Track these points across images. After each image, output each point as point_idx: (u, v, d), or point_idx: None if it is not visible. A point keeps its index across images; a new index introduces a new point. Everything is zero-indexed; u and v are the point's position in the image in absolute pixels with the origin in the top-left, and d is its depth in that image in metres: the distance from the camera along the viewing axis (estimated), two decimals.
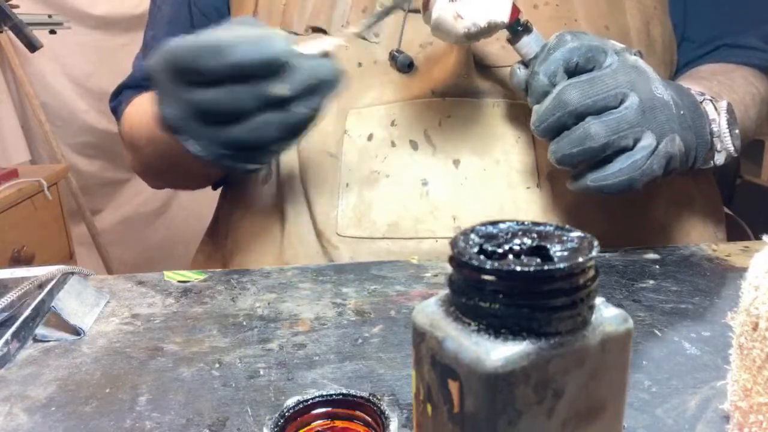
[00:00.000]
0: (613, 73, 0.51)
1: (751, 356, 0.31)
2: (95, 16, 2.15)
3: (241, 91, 0.47)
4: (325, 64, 0.49)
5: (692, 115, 0.56)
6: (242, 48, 0.46)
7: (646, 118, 0.52)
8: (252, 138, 0.49)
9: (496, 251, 0.24)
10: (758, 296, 0.31)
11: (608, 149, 0.52)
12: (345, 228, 0.65)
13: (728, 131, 0.57)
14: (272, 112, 0.48)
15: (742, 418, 0.33)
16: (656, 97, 0.53)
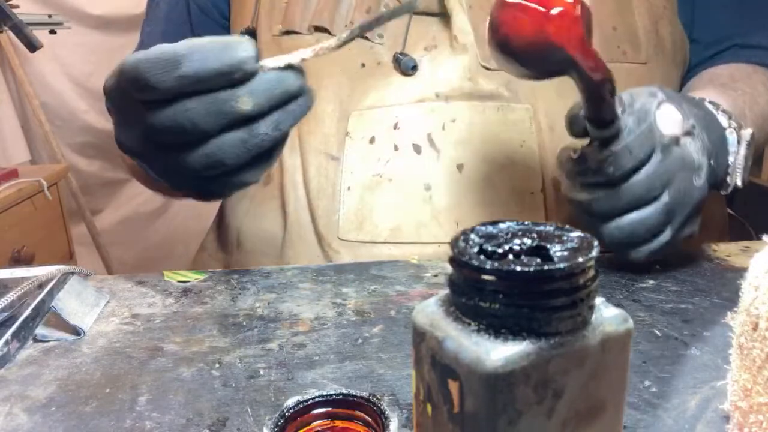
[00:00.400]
0: (648, 180, 0.50)
1: (751, 356, 0.31)
2: (95, 16, 2.16)
3: (196, 108, 0.41)
4: (293, 77, 0.43)
5: (718, 160, 0.55)
6: (199, 56, 0.40)
7: (672, 214, 0.52)
8: (209, 165, 0.42)
9: (496, 251, 0.24)
10: (758, 296, 0.31)
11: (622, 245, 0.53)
12: (346, 232, 0.64)
13: (743, 166, 0.57)
14: (232, 132, 0.42)
15: (742, 418, 0.33)
16: (693, 188, 0.52)
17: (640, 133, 0.50)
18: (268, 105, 0.42)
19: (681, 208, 0.52)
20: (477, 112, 0.63)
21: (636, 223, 0.51)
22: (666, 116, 0.51)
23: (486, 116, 0.63)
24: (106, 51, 2.15)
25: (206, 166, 0.43)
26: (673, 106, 0.52)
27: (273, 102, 0.42)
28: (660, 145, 0.51)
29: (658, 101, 0.51)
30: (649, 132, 0.50)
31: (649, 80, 0.68)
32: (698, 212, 0.54)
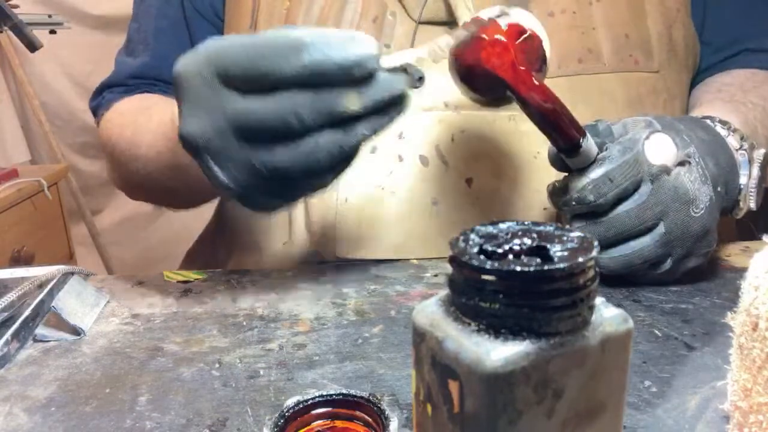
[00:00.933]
0: (638, 210, 0.50)
1: (751, 356, 0.31)
2: (95, 16, 2.15)
3: (302, 100, 0.38)
4: (402, 80, 0.41)
5: (728, 185, 0.54)
6: (324, 46, 0.37)
7: (671, 245, 0.51)
8: (299, 164, 0.39)
9: (496, 251, 0.24)
10: (758, 296, 0.31)
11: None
12: (345, 251, 0.61)
13: (755, 189, 0.55)
14: (331, 131, 0.39)
15: (742, 418, 0.33)
16: (691, 219, 0.50)
17: (623, 162, 0.49)
18: (374, 108, 0.40)
19: (680, 240, 0.51)
20: (487, 122, 0.61)
21: (630, 254, 0.51)
22: (657, 146, 0.50)
23: (497, 126, 0.61)
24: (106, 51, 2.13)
25: (298, 164, 0.39)
26: (666, 135, 0.51)
27: (380, 106, 0.40)
28: (648, 175, 0.50)
29: (650, 131, 0.51)
30: (634, 161, 0.49)
31: (661, 87, 0.66)
32: (705, 243, 0.53)
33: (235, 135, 0.40)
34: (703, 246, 0.53)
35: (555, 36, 0.62)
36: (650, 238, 0.51)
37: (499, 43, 0.45)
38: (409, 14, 0.63)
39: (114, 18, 2.17)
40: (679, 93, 0.69)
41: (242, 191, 0.42)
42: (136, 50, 0.77)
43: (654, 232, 0.51)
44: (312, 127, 0.39)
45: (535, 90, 0.46)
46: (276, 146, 0.39)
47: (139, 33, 0.77)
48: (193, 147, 0.41)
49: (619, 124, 0.53)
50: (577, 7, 0.64)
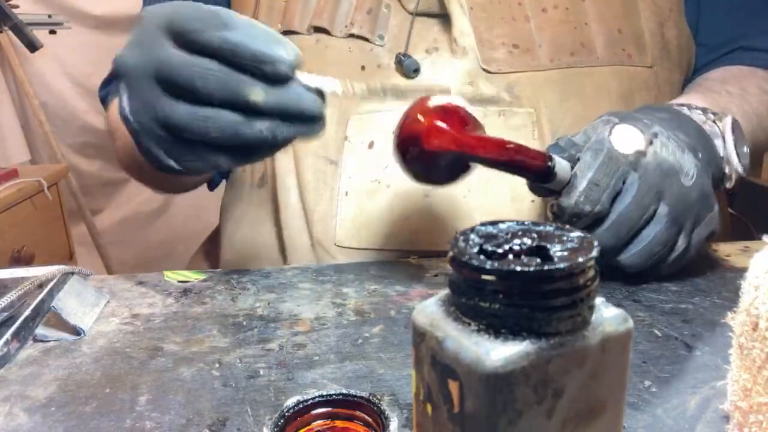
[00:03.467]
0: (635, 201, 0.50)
1: (751, 356, 0.32)
2: (95, 16, 2.15)
3: (215, 70, 0.41)
4: (312, 99, 0.44)
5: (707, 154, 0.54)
6: (250, 34, 0.41)
7: (679, 221, 0.51)
8: (195, 125, 0.42)
9: (496, 251, 0.24)
10: (758, 296, 0.31)
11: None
12: (344, 239, 0.64)
13: (735, 152, 0.56)
14: (231, 113, 0.42)
15: (742, 418, 0.33)
16: (686, 189, 0.51)
17: (599, 164, 0.49)
18: (276, 110, 0.42)
19: (685, 212, 0.51)
20: (478, 117, 0.63)
21: (647, 244, 0.51)
22: (622, 136, 0.51)
23: (487, 121, 0.61)
24: (106, 51, 2.14)
25: (190, 126, 0.42)
26: (627, 124, 0.51)
27: (283, 111, 0.42)
28: (628, 164, 0.50)
29: (611, 125, 0.51)
30: (609, 159, 0.50)
31: (653, 84, 0.67)
32: (707, 207, 0.53)
33: (154, 76, 0.43)
34: (706, 210, 0.53)
35: (547, 30, 0.63)
36: (658, 222, 0.51)
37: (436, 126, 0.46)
38: (404, 6, 0.64)
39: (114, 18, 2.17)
40: (670, 92, 0.70)
41: (139, 129, 0.44)
42: None
43: (658, 214, 0.51)
44: (214, 97, 0.41)
45: (486, 146, 0.47)
46: (180, 102, 0.42)
47: None
48: (119, 72, 0.45)
49: (580, 134, 0.53)
50: (570, 3, 0.65)
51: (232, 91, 0.41)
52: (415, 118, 0.47)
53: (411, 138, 0.47)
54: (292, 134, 0.44)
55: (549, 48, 0.63)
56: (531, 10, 0.64)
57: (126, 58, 0.44)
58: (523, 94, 0.63)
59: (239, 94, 0.41)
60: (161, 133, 0.44)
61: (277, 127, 0.43)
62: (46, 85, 2.12)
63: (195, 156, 0.45)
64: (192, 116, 0.42)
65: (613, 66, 0.65)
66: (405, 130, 0.47)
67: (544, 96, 0.63)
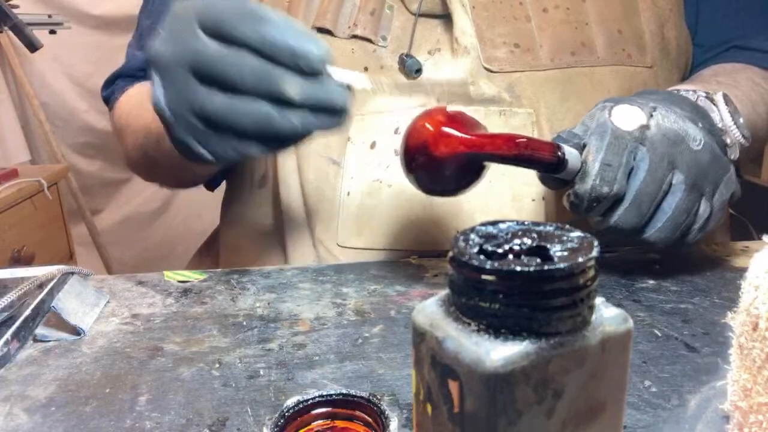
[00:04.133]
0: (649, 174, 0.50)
1: (751, 356, 0.32)
2: (95, 16, 2.15)
3: (251, 63, 0.42)
4: (342, 93, 0.45)
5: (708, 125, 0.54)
6: (285, 31, 0.42)
7: (697, 187, 0.51)
8: (227, 113, 0.43)
9: (496, 251, 0.24)
10: (758, 296, 0.31)
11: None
12: (346, 238, 0.64)
13: (733, 123, 0.56)
14: (265, 104, 0.43)
15: (742, 418, 0.33)
16: (697, 154, 0.51)
17: (607, 145, 0.49)
18: (309, 103, 0.43)
19: (700, 178, 0.51)
20: (479, 116, 0.62)
21: (670, 215, 0.51)
22: (622, 115, 0.51)
23: (488, 121, 0.62)
24: (106, 51, 2.15)
25: (225, 116, 0.43)
26: (625, 104, 0.52)
27: (314, 105, 0.44)
28: (634, 140, 0.50)
29: (609, 108, 0.51)
30: (615, 139, 0.50)
31: (653, 84, 0.67)
32: (723, 169, 0.53)
33: (190, 67, 0.44)
34: (721, 171, 0.53)
35: (548, 30, 0.64)
36: (676, 191, 0.51)
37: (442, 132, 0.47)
38: (407, 7, 0.65)
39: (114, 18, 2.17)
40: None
41: (174, 119, 0.45)
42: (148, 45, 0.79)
43: (675, 183, 0.51)
44: (249, 88, 0.42)
45: (495, 142, 0.47)
46: (215, 92, 0.43)
47: (149, 31, 0.79)
48: (152, 63, 0.45)
49: (578, 125, 0.53)
50: (570, 4, 0.65)
51: (268, 84, 0.42)
52: (421, 127, 0.47)
53: (419, 146, 0.47)
54: (321, 126, 0.45)
55: (550, 48, 0.63)
56: (532, 10, 0.64)
57: (160, 49, 0.45)
58: (523, 93, 0.63)
59: (275, 87, 0.43)
60: (196, 123, 0.44)
61: (308, 119, 0.44)
62: (46, 85, 2.12)
63: (227, 145, 0.45)
64: (228, 107, 0.43)
65: (613, 66, 0.65)
66: (412, 139, 0.48)
67: (544, 96, 0.63)
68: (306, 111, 0.44)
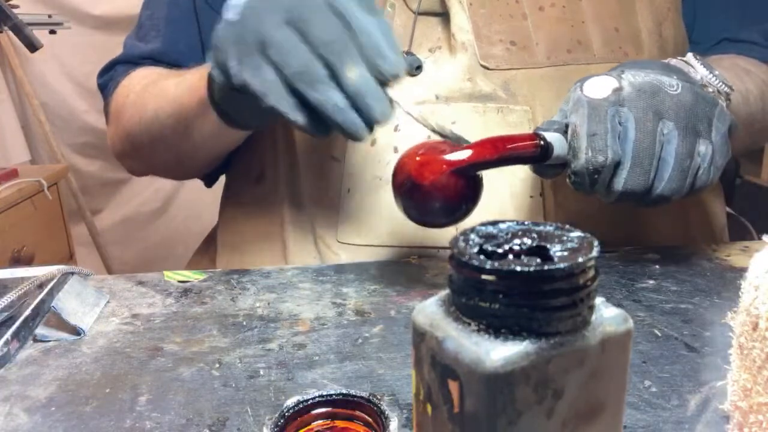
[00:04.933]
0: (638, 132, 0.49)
1: (751, 356, 0.32)
2: (95, 16, 2.15)
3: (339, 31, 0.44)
4: (386, 110, 0.46)
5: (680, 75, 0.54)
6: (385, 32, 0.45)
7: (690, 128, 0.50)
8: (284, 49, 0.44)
9: (496, 251, 0.24)
10: (758, 296, 0.31)
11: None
12: (346, 235, 0.64)
13: (710, 74, 0.55)
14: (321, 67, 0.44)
15: (742, 418, 0.33)
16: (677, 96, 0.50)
17: (587, 116, 0.50)
18: (356, 96, 0.44)
19: (691, 118, 0.51)
20: (478, 113, 0.63)
21: (675, 163, 0.50)
22: (593, 86, 0.51)
23: (486, 118, 0.63)
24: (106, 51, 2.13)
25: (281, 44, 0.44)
26: (594, 76, 0.52)
27: (360, 98, 0.45)
28: (612, 104, 0.50)
29: (579, 86, 0.52)
30: (592, 109, 0.50)
31: None
32: (711, 105, 0.52)
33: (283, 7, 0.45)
34: (709, 106, 0.52)
35: (544, 28, 0.64)
36: (671, 139, 0.50)
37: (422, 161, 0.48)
38: (408, 6, 0.65)
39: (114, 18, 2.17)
40: None
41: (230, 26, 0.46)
42: (148, 36, 0.80)
43: (667, 132, 0.50)
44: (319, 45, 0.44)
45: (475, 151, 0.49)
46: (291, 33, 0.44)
47: (152, 20, 0.79)
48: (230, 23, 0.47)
49: (556, 114, 0.54)
50: (567, 2, 0.65)
51: (337, 52, 0.44)
52: (402, 165, 0.50)
53: (405, 181, 0.49)
54: (348, 123, 0.45)
55: (546, 45, 0.64)
56: (528, 8, 0.64)
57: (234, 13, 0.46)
58: (519, 91, 0.63)
59: (338, 58, 0.44)
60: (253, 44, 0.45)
61: (344, 108, 0.45)
62: (46, 85, 2.12)
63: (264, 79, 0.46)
64: (288, 43, 0.44)
65: (610, 63, 0.65)
66: (398, 174, 0.50)
67: (540, 93, 0.64)
68: (348, 101, 0.45)
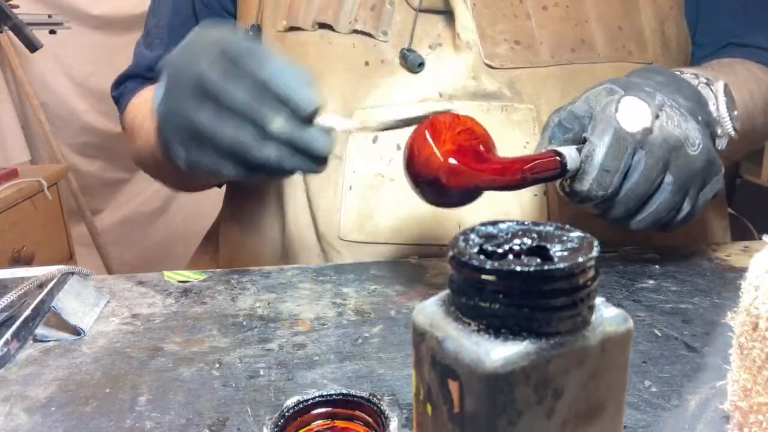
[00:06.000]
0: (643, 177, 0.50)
1: (751, 356, 0.31)
2: (95, 16, 2.15)
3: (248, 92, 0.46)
4: (325, 141, 0.47)
5: (705, 115, 0.55)
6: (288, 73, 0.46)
7: (684, 188, 0.52)
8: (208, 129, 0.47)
9: (496, 251, 0.24)
10: (758, 296, 0.31)
11: None
12: (348, 232, 0.64)
13: (728, 115, 0.56)
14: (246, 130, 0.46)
15: (742, 418, 0.33)
16: (692, 158, 0.51)
17: (608, 147, 0.49)
18: (288, 142, 0.46)
19: (689, 180, 0.52)
20: (481, 111, 0.63)
21: (653, 211, 0.52)
22: (629, 112, 0.50)
23: (490, 116, 0.63)
24: (106, 51, 2.15)
25: (206, 125, 0.47)
26: (633, 96, 0.51)
27: (294, 144, 0.46)
28: (636, 143, 0.50)
29: (616, 100, 0.51)
30: (617, 141, 0.49)
31: None
32: (712, 172, 0.54)
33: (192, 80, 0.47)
34: (712, 174, 0.54)
35: (548, 27, 0.64)
36: (664, 190, 0.51)
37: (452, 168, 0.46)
38: (408, 2, 0.65)
39: (114, 18, 2.17)
40: None
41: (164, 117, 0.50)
42: (154, 44, 0.82)
43: (664, 184, 0.51)
44: (237, 112, 0.46)
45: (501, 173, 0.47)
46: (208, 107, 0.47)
47: (157, 28, 0.81)
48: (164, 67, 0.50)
49: (581, 101, 0.53)
50: (570, 2, 0.65)
51: (255, 112, 0.46)
52: (429, 154, 0.46)
53: (427, 173, 0.46)
54: (296, 166, 0.47)
55: (550, 44, 0.64)
56: (532, 8, 0.64)
57: (174, 59, 0.50)
58: (523, 90, 0.63)
59: (259, 116, 0.46)
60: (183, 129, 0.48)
61: (285, 156, 0.47)
62: (46, 85, 2.12)
63: (204, 158, 0.48)
64: (212, 121, 0.46)
65: (614, 62, 0.65)
66: (420, 161, 0.47)
67: (545, 92, 0.64)
68: (286, 148, 0.46)
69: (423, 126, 0.47)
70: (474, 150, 0.47)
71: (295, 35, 0.67)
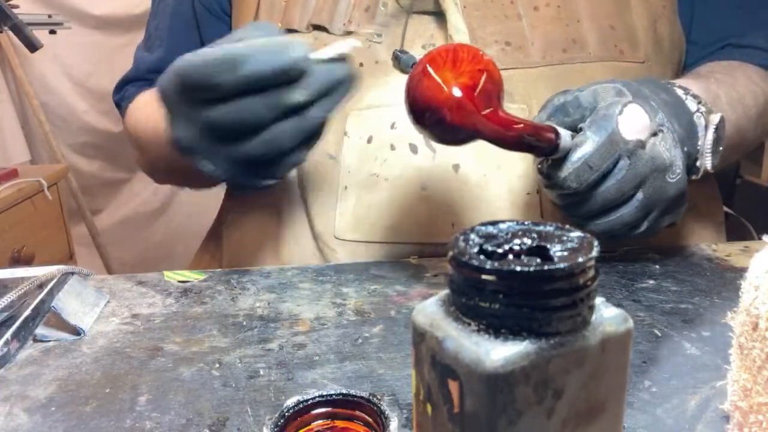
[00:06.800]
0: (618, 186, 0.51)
1: (751, 356, 0.32)
2: (95, 16, 2.16)
3: (255, 102, 0.44)
4: (341, 67, 0.47)
5: (690, 147, 0.55)
6: (259, 58, 0.43)
7: (648, 209, 0.53)
8: (267, 151, 0.46)
9: (496, 251, 0.24)
10: (758, 296, 0.31)
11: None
12: (343, 232, 0.64)
13: (710, 151, 0.56)
14: (287, 120, 0.45)
15: (742, 418, 0.33)
16: (667, 185, 0.52)
17: (599, 145, 0.49)
18: (318, 94, 0.46)
19: (657, 204, 0.53)
20: None
21: (612, 221, 0.53)
22: (631, 119, 0.50)
23: None
24: (106, 51, 2.15)
25: (265, 151, 0.46)
26: (639, 105, 0.51)
27: (323, 91, 0.46)
28: (625, 151, 0.50)
29: (623, 104, 0.51)
30: (610, 143, 0.50)
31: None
32: (679, 203, 0.55)
33: (211, 137, 0.47)
34: (678, 205, 0.55)
35: (539, 27, 0.64)
36: (630, 206, 0.52)
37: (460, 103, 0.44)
38: (400, 4, 0.66)
39: (114, 18, 2.17)
40: None
41: (230, 177, 0.49)
42: (154, 46, 0.82)
43: (633, 199, 0.52)
44: (269, 120, 0.45)
45: (503, 127, 0.46)
46: (245, 140, 0.46)
47: (157, 30, 0.82)
48: (183, 148, 0.49)
49: (589, 91, 0.53)
50: (562, 1, 0.65)
51: (280, 106, 0.45)
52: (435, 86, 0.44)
53: (430, 107, 0.44)
54: (339, 101, 0.47)
55: (541, 45, 0.64)
56: (523, 9, 0.64)
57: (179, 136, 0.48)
58: (515, 90, 0.63)
59: (286, 104, 0.45)
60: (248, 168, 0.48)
61: (325, 104, 0.46)
62: (46, 85, 2.12)
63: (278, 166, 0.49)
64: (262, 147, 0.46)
65: (606, 62, 0.65)
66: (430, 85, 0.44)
67: (537, 92, 0.64)
68: (320, 100, 0.46)
69: (447, 51, 0.46)
70: (487, 94, 0.45)
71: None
